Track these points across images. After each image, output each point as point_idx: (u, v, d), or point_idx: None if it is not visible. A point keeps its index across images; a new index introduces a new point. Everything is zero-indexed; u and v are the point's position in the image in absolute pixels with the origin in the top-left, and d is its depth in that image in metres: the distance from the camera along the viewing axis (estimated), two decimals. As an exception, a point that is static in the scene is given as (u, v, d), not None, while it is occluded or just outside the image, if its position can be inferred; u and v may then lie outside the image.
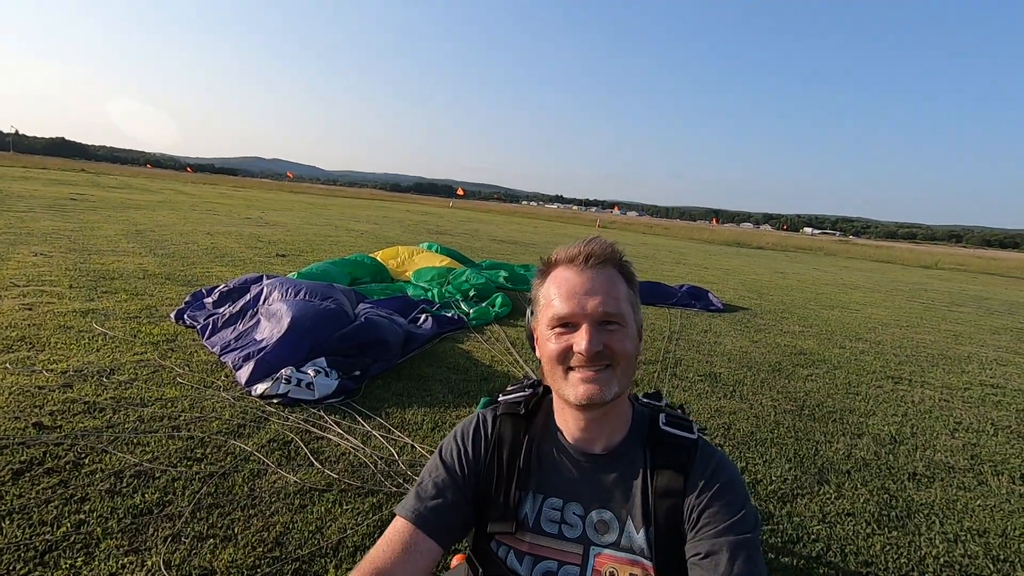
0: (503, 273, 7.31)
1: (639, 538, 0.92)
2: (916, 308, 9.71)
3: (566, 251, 0.96)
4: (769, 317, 7.12)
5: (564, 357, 0.91)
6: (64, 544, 1.68)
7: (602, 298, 0.90)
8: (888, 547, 2.17)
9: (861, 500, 2.51)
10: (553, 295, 0.94)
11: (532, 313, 1.02)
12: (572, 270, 0.94)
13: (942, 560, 2.12)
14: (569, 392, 0.91)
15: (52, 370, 2.97)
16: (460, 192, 78.47)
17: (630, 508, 0.94)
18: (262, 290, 4.34)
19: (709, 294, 7.65)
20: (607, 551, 0.93)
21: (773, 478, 2.63)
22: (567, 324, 0.92)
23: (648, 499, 0.93)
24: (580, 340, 0.89)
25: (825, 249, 32.78)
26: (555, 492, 0.98)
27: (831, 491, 2.57)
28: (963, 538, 2.28)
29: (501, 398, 1.09)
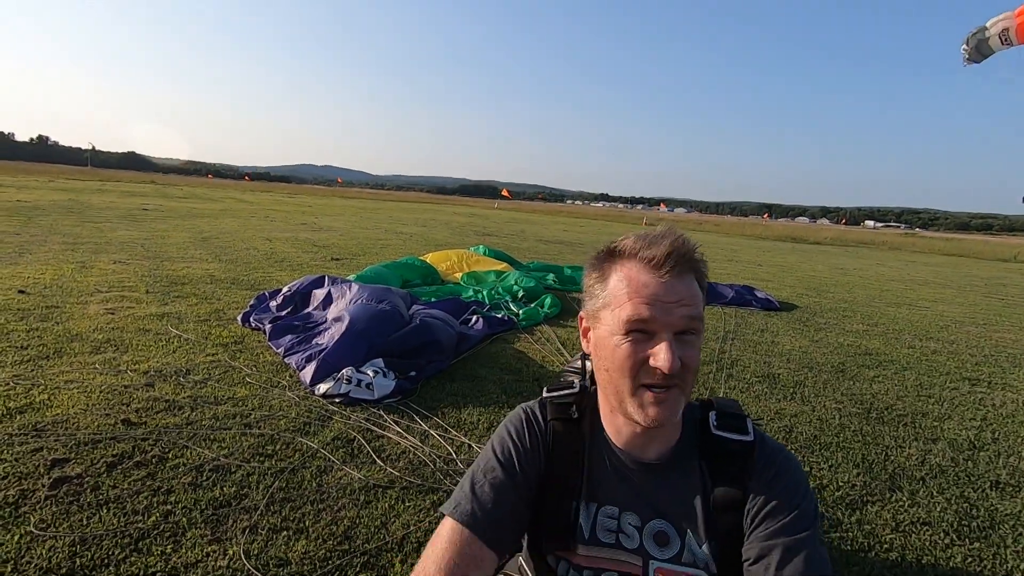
0: (551, 275, 7.33)
1: (702, 553, 0.87)
2: (994, 304, 9.07)
3: (643, 246, 0.85)
4: (830, 315, 6.82)
5: (638, 371, 0.82)
6: (155, 532, 1.81)
7: (688, 308, 0.81)
8: (970, 559, 2.05)
9: (938, 509, 2.38)
10: (625, 294, 0.83)
11: (584, 305, 0.93)
12: (649, 273, 0.83)
13: (1031, 575, 1.99)
14: (637, 413, 0.84)
15: (135, 370, 3.19)
16: (505, 193, 78.83)
17: (690, 520, 0.88)
18: (322, 294, 4.52)
19: (756, 291, 7.41)
20: (667, 565, 0.88)
21: (840, 483, 2.53)
22: (642, 330, 0.82)
23: (709, 511, 0.87)
24: (660, 355, 0.79)
25: (889, 243, 31.07)
26: (609, 500, 0.92)
27: (904, 498, 2.45)
28: (1055, 552, 2.13)
29: (546, 394, 1.02)
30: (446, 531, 0.86)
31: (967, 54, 3.82)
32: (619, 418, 0.91)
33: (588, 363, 1.70)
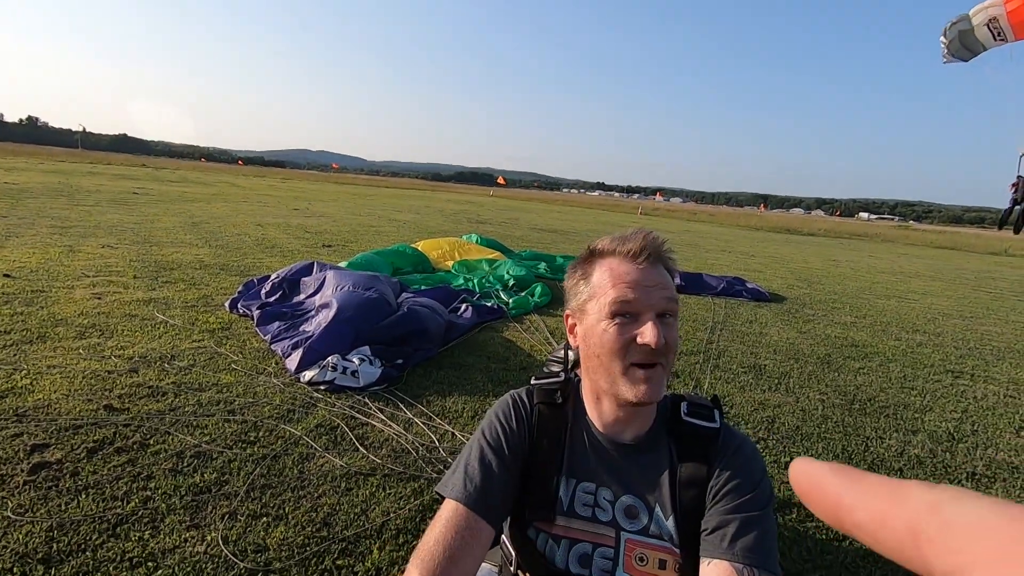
0: (543, 264, 7.33)
1: (668, 525, 0.94)
2: (982, 297, 9.15)
3: (619, 243, 0.95)
4: (819, 307, 6.87)
5: (626, 351, 0.90)
6: (133, 518, 1.81)
7: (666, 291, 0.91)
8: (942, 549, 2.08)
9: (913, 499, 2.42)
10: (609, 282, 0.92)
11: (568, 303, 1.01)
12: (628, 264, 0.93)
13: (1001, 564, 2.03)
14: (627, 391, 0.90)
15: (120, 356, 3.18)
16: (501, 181, 78.55)
17: (658, 496, 0.96)
18: (311, 281, 4.51)
19: (746, 282, 7.43)
20: (636, 536, 0.94)
21: (819, 474, 2.56)
22: (627, 314, 0.90)
23: (675, 488, 0.95)
24: (647, 332, 0.87)
25: (882, 235, 31.22)
26: (587, 477, 0.99)
27: (881, 489, 2.48)
28: (1025, 542, 2.17)
29: (534, 382, 1.10)
30: (445, 511, 0.93)
31: (947, 49, 3.68)
32: (603, 404, 0.98)
33: (571, 352, 1.70)
